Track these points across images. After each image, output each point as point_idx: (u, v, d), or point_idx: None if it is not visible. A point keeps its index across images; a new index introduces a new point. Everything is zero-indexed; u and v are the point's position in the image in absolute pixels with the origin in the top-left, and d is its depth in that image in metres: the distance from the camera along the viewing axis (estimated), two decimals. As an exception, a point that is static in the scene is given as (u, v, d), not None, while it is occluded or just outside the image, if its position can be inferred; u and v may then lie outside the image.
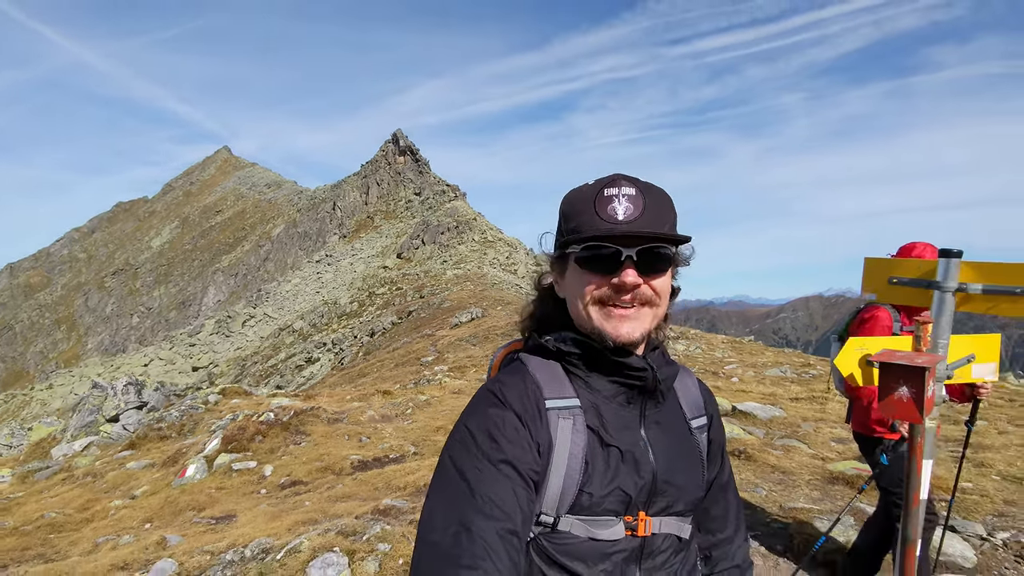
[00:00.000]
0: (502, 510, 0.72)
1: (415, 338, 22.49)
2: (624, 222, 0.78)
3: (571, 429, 0.81)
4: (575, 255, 0.81)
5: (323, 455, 6.09)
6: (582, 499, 0.79)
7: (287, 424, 6.96)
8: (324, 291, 50.44)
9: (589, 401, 0.83)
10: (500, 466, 0.74)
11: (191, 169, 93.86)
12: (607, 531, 0.80)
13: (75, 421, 9.20)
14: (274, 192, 76.30)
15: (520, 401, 0.80)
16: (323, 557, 3.06)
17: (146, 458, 7.35)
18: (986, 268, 2.00)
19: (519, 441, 0.77)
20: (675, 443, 0.88)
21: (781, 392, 7.80)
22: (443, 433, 6.41)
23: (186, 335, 53.21)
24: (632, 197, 0.80)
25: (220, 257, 68.89)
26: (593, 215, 0.80)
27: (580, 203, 0.82)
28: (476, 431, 0.77)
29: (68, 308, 73.85)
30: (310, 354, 32.40)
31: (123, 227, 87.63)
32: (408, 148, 62.21)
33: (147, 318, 68.99)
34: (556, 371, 0.85)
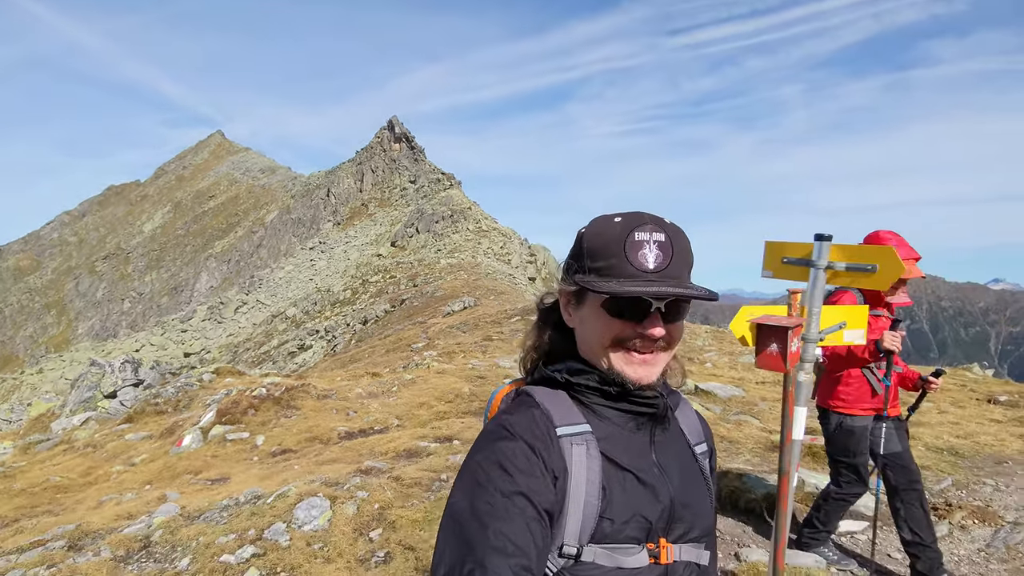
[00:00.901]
0: (516, 545, 0.71)
1: (407, 326, 22.92)
2: (654, 271, 0.79)
3: (585, 455, 0.80)
4: (602, 300, 0.81)
5: (312, 427, 6.54)
6: (603, 526, 0.79)
7: (279, 399, 7.40)
8: (317, 278, 50.65)
9: (599, 427, 0.84)
10: (513, 499, 0.73)
11: (184, 153, 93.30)
12: (632, 559, 0.80)
13: (73, 397, 9.62)
14: (268, 178, 76.10)
15: (530, 430, 0.80)
16: (308, 500, 3.52)
17: (144, 430, 7.78)
18: (848, 250, 2.47)
19: (532, 471, 0.76)
20: (685, 468, 0.89)
21: (750, 376, 8.30)
22: (426, 408, 6.88)
23: (178, 321, 53.45)
24: (662, 244, 0.80)
25: (213, 243, 68.87)
26: (623, 259, 0.79)
27: (608, 242, 0.81)
28: (486, 464, 0.77)
29: (58, 292, 73.75)
30: (303, 341, 32.79)
31: (114, 211, 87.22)
32: (403, 135, 62.13)
33: (139, 303, 69.01)
34: (563, 399, 0.85)
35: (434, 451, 4.91)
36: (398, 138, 62.32)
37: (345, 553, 3.17)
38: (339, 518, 3.45)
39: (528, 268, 40.42)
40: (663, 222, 0.82)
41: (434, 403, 7.03)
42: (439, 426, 5.95)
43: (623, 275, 0.79)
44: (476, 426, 5.82)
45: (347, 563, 3.09)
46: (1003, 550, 3.18)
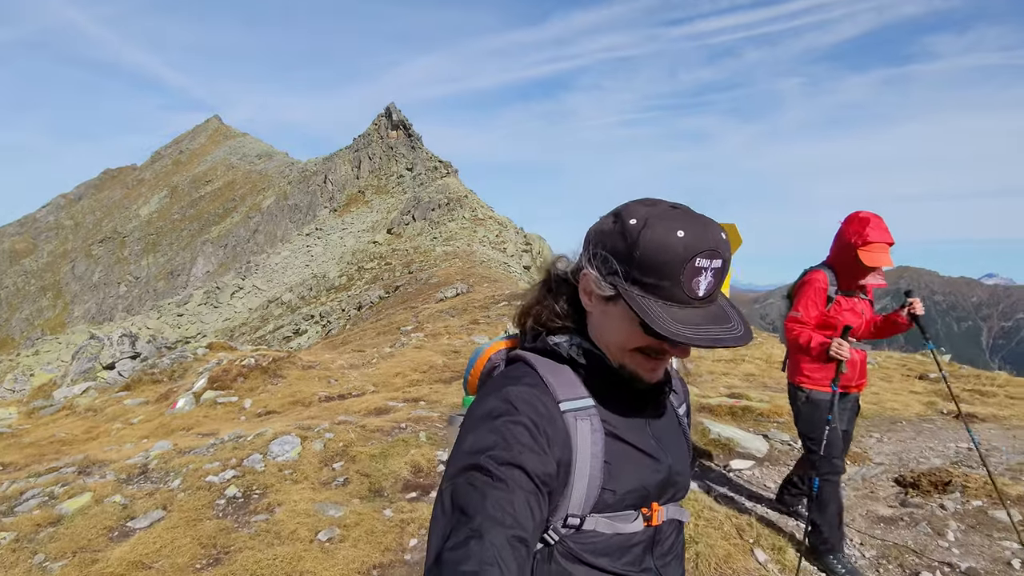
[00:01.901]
0: (513, 517, 0.71)
1: (399, 311, 23.56)
2: (703, 298, 0.78)
3: (589, 429, 0.82)
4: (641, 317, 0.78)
5: (295, 392, 7.19)
6: (605, 497, 0.82)
7: (266, 368, 8.04)
8: (313, 264, 51.15)
9: (601, 402, 0.85)
10: (513, 471, 0.74)
11: (180, 138, 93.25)
12: (630, 525, 0.84)
13: (74, 368, 10.25)
14: (265, 163, 76.26)
15: (532, 403, 0.80)
16: (282, 438, 4.16)
17: (141, 396, 8.42)
18: (734, 232, 3.11)
19: (533, 446, 0.77)
20: (673, 434, 0.93)
21: (707, 354, 8.94)
22: (401, 377, 7.52)
23: (174, 305, 53.99)
24: (717, 271, 0.78)
25: (209, 228, 69.23)
26: (677, 283, 0.77)
27: (667, 263, 0.77)
28: (487, 435, 0.77)
29: (54, 275, 74.22)
30: (298, 326, 33.40)
31: (111, 195, 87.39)
32: (401, 122, 62.25)
33: (135, 287, 69.51)
34: (566, 373, 0.86)
35: (400, 409, 5.54)
36: (395, 125, 62.43)
37: (310, 477, 3.81)
38: (307, 452, 4.10)
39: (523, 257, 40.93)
40: (722, 242, 0.78)
41: (409, 373, 7.67)
42: (410, 391, 6.60)
43: (671, 299, 0.77)
44: (445, 392, 6.46)
45: (311, 484, 3.74)
46: (859, 481, 3.83)
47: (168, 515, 3.40)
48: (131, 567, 2.92)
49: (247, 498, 3.58)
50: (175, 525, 3.29)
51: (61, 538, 3.23)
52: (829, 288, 2.68)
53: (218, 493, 3.61)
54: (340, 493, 3.65)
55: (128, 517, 3.41)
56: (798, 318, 2.71)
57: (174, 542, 3.13)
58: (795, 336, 2.68)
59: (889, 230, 2.56)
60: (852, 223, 2.59)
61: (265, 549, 3.04)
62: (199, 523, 3.31)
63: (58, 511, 3.49)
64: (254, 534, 3.19)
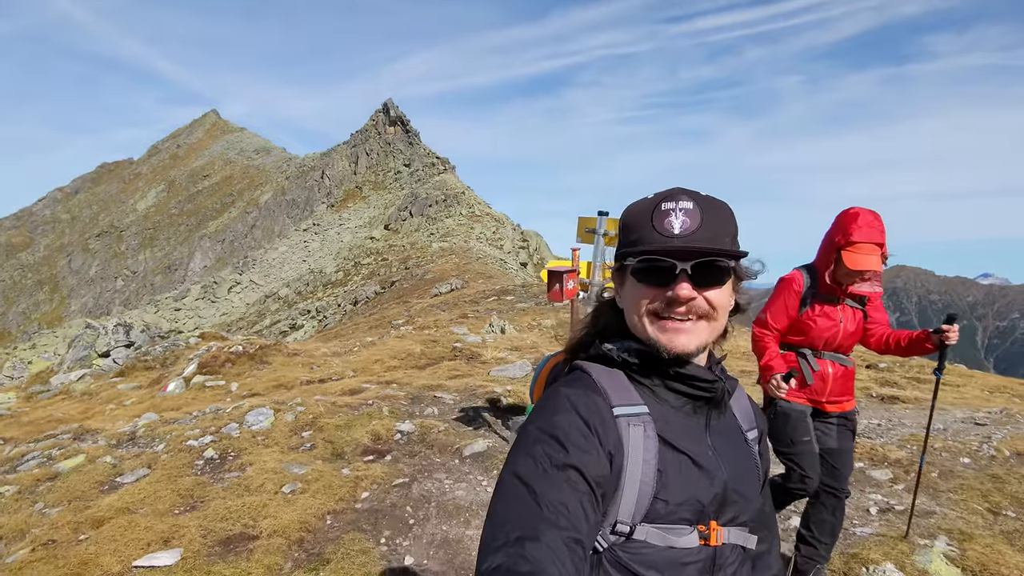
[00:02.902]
0: (568, 519, 0.72)
1: (393, 305, 24.06)
2: (680, 235, 0.81)
3: (642, 436, 0.82)
4: (631, 267, 0.84)
5: (279, 377, 7.67)
6: (657, 507, 0.80)
7: (253, 355, 8.53)
8: (310, 260, 51.61)
9: (657, 410, 0.85)
10: (568, 472, 0.75)
11: (178, 132, 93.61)
12: (682, 540, 0.82)
13: (70, 356, 10.75)
14: (262, 158, 76.66)
15: (587, 407, 0.81)
16: (257, 410, 4.66)
17: (134, 381, 8.92)
18: (613, 222, 3.60)
19: (587, 447, 0.77)
20: (738, 454, 0.91)
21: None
22: (380, 364, 8.00)
23: (171, 299, 54.52)
24: (689, 211, 0.81)
25: (207, 222, 69.71)
26: (650, 229, 0.82)
27: (638, 216, 0.84)
28: (542, 436, 0.78)
29: (51, 269, 74.77)
30: (294, 321, 33.90)
31: (108, 188, 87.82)
32: (399, 118, 62.61)
33: (132, 281, 70.03)
34: (621, 379, 0.86)
35: (372, 390, 6.03)
36: (393, 121, 62.78)
37: (280, 443, 4.31)
38: (279, 422, 4.59)
39: (520, 254, 41.37)
40: (696, 193, 0.84)
41: (388, 360, 8.16)
42: (385, 375, 7.09)
43: (650, 242, 0.82)
44: (418, 376, 6.95)
45: (281, 448, 4.23)
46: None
47: (152, 472, 3.89)
48: (118, 512, 3.41)
49: (223, 459, 4.07)
50: (158, 480, 3.78)
51: (58, 490, 3.72)
52: (805, 291, 2.41)
53: (197, 455, 4.10)
54: (305, 456, 4.15)
55: (117, 474, 3.90)
56: (764, 321, 2.50)
57: (156, 493, 3.63)
58: (756, 343, 2.51)
59: (883, 229, 2.24)
60: (840, 219, 2.31)
61: (235, 499, 3.53)
62: (179, 479, 3.80)
63: (55, 469, 3.99)
64: (227, 487, 3.69)
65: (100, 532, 3.21)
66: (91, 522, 3.32)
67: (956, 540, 2.97)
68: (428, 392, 5.76)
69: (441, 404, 5.33)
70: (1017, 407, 5.61)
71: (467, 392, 5.78)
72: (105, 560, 2.96)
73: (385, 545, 3.16)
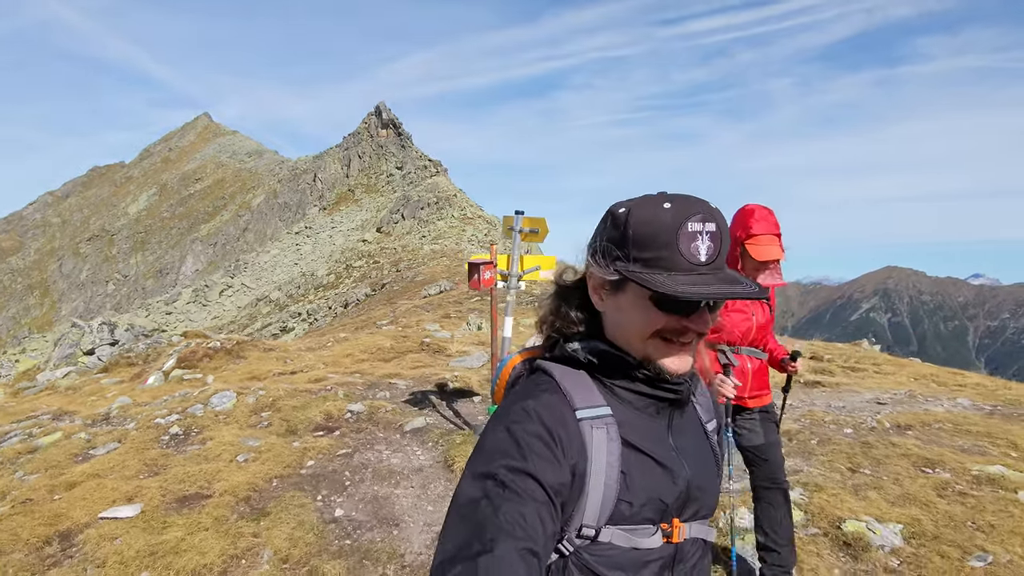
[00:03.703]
0: (524, 529, 0.72)
1: (380, 307, 24.51)
2: (705, 264, 0.79)
3: (605, 438, 0.82)
4: (649, 292, 0.80)
5: (253, 370, 8.14)
6: (621, 508, 0.81)
7: (230, 350, 9.00)
8: (302, 263, 51.95)
9: (620, 411, 0.85)
10: (526, 481, 0.75)
11: (170, 135, 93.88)
12: (646, 540, 0.83)
13: (56, 353, 11.18)
14: (255, 161, 77.01)
15: (549, 412, 0.81)
16: (221, 393, 5.14)
17: (116, 377, 9.36)
18: (529, 220, 4.11)
19: (547, 455, 0.77)
20: (699, 449, 0.93)
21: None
22: (351, 359, 8.48)
23: (163, 303, 54.73)
24: (714, 235, 0.79)
25: (199, 226, 69.97)
26: (675, 252, 0.78)
27: (658, 232, 0.79)
28: (501, 445, 0.78)
29: (41, 273, 74.82)
30: (285, 324, 34.25)
31: (99, 192, 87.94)
32: (391, 121, 63.12)
33: (123, 285, 70.16)
34: (583, 380, 0.86)
35: (336, 379, 6.51)
36: (385, 124, 63.29)
37: (240, 421, 4.79)
38: (241, 404, 5.07)
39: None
40: (712, 210, 0.81)
41: (358, 354, 8.64)
42: (352, 367, 7.57)
43: (674, 268, 0.78)
44: (383, 367, 7.43)
45: (240, 426, 4.72)
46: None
47: (122, 445, 4.37)
48: (89, 477, 3.89)
49: (186, 435, 4.56)
50: (126, 452, 4.26)
51: (36, 461, 4.20)
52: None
53: (163, 431, 4.58)
54: (261, 431, 4.63)
55: (90, 447, 4.38)
56: None
57: (124, 462, 4.11)
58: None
59: (777, 223, 2.37)
60: (736, 216, 2.42)
61: (194, 466, 4.02)
62: (146, 451, 4.28)
63: (34, 444, 4.46)
64: (188, 457, 4.17)
65: (72, 493, 3.69)
66: (64, 485, 3.80)
67: (809, 491, 3.49)
68: (385, 379, 6.25)
69: (394, 389, 5.83)
70: (927, 391, 6.15)
71: (422, 379, 6.28)
72: (75, 513, 3.44)
73: (321, 501, 3.65)
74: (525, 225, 4.00)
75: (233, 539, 3.22)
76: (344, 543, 3.24)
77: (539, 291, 19.31)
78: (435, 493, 3.78)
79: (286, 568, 3.02)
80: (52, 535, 3.26)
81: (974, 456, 4.06)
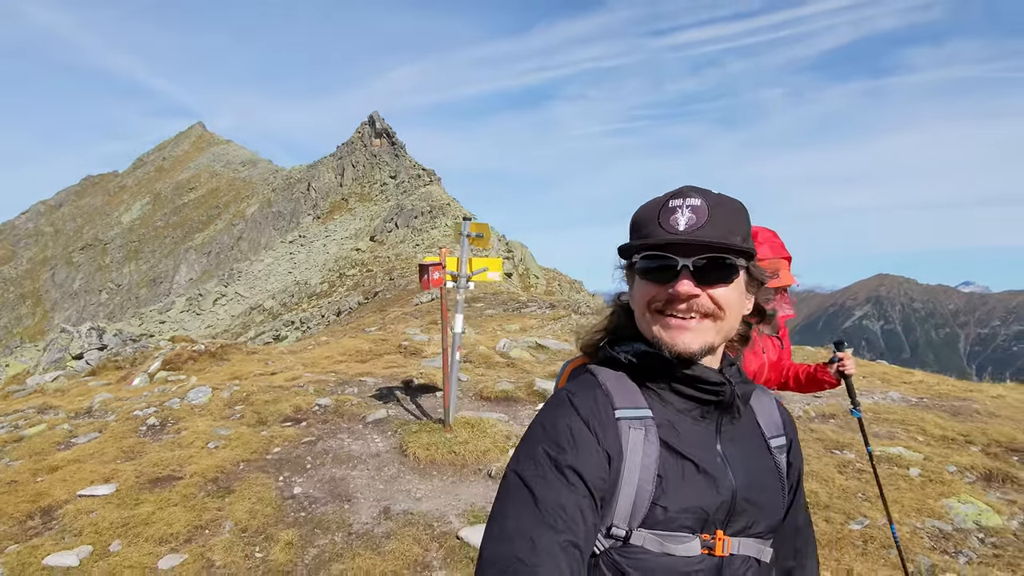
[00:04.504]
0: (565, 522, 0.73)
1: (371, 314, 24.84)
2: (684, 232, 0.80)
3: (643, 439, 0.81)
4: (636, 265, 0.85)
5: (236, 371, 8.47)
6: (656, 512, 0.80)
7: (214, 353, 9.34)
8: (296, 271, 52.18)
9: (662, 413, 0.84)
10: (566, 473, 0.76)
11: (164, 144, 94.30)
12: (682, 547, 0.80)
13: (45, 358, 11.48)
14: (249, 170, 77.45)
15: (588, 408, 0.82)
16: (198, 388, 5.50)
17: (104, 379, 9.67)
18: (477, 225, 4.51)
19: (587, 448, 0.78)
20: (754, 461, 0.89)
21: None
22: (329, 360, 8.83)
23: (156, 312, 54.77)
24: (696, 207, 0.81)
25: (193, 235, 70.18)
26: (656, 225, 0.82)
27: (647, 213, 0.85)
28: (542, 438, 0.80)
29: (34, 283, 74.76)
30: (278, 332, 34.45)
31: (92, 201, 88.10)
32: (384, 131, 63.77)
33: (116, 295, 70.16)
34: (626, 382, 0.86)
35: (310, 377, 6.87)
36: (379, 134, 63.90)
37: (214, 413, 5.15)
38: (216, 398, 5.43)
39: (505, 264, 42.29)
40: (706, 191, 0.84)
41: (337, 356, 8.99)
42: (329, 368, 7.92)
43: (654, 239, 0.82)
44: (358, 368, 7.78)
45: (213, 417, 5.07)
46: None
47: (102, 435, 4.73)
48: (70, 462, 4.24)
49: (163, 425, 4.91)
50: (106, 440, 4.61)
51: (21, 449, 4.55)
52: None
53: (141, 422, 4.94)
54: (233, 423, 4.99)
55: (72, 436, 4.73)
56: None
57: (103, 449, 4.46)
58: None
59: (783, 243, 2.17)
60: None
61: (167, 452, 4.37)
62: (124, 439, 4.64)
63: (20, 434, 4.81)
64: (163, 445, 4.53)
65: (53, 475, 4.04)
66: (47, 469, 4.15)
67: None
68: (357, 377, 6.62)
69: (363, 385, 6.20)
70: (868, 386, 6.55)
71: (391, 377, 6.65)
72: (56, 492, 3.79)
73: (282, 482, 4.01)
74: (473, 231, 4.40)
75: (199, 512, 3.57)
76: (299, 515, 3.60)
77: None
78: (388, 474, 4.14)
79: (245, 536, 3.37)
80: (34, 510, 3.61)
81: (883, 440, 4.46)
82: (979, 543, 3.23)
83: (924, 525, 3.35)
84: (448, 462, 4.23)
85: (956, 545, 3.21)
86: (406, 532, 3.37)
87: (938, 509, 3.51)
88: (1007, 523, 3.40)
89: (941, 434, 4.71)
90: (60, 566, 3.04)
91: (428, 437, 4.49)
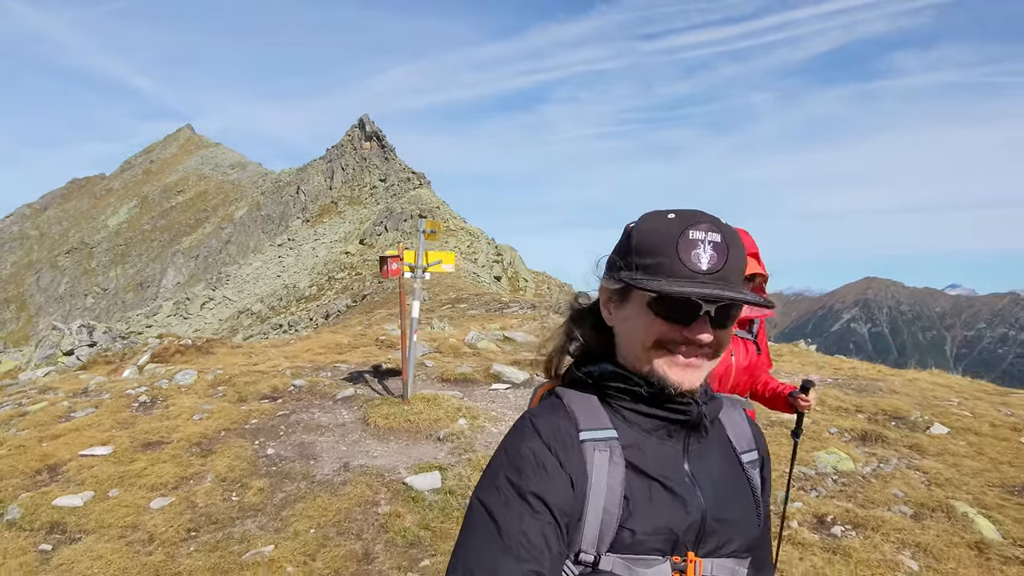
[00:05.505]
0: (528, 550, 0.73)
1: (358, 316, 25.43)
2: (707, 273, 0.78)
3: (607, 461, 0.81)
4: (648, 297, 0.80)
5: (221, 363, 9.09)
6: (623, 536, 0.79)
7: (200, 347, 9.94)
8: (285, 275, 52.54)
9: (627, 434, 0.83)
10: (529, 499, 0.76)
11: (151, 147, 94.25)
12: (652, 571, 0.80)
13: (37, 354, 11.99)
14: (238, 173, 77.71)
15: (550, 431, 0.82)
16: (184, 371, 6.13)
17: (95, 373, 10.23)
18: (431, 223, 5.20)
19: (550, 474, 0.78)
20: (725, 478, 0.88)
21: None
22: (310, 353, 9.46)
23: (143, 316, 54.88)
24: (717, 245, 0.79)
25: (180, 238, 70.26)
26: (674, 258, 0.78)
27: (660, 239, 0.80)
28: (504, 464, 0.79)
29: (18, 287, 74.43)
30: (266, 335, 34.88)
31: (78, 204, 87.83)
32: (374, 134, 64.38)
33: (103, 299, 70.01)
34: (592, 403, 0.86)
35: (288, 364, 7.51)
36: (369, 136, 64.49)
37: (199, 392, 5.79)
38: (201, 380, 6.07)
39: (494, 267, 42.97)
40: (720, 222, 0.81)
41: (317, 349, 9.63)
42: (309, 358, 8.56)
43: (673, 274, 0.78)
44: (336, 358, 8.43)
45: (199, 396, 5.71)
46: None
47: (98, 410, 5.35)
48: (71, 431, 4.86)
49: (153, 402, 5.54)
50: (102, 414, 5.24)
51: (26, 421, 5.17)
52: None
53: (134, 399, 5.57)
54: (216, 400, 5.63)
55: (71, 411, 5.35)
56: None
57: (100, 421, 5.08)
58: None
59: (753, 242, 2.12)
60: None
61: (157, 423, 5.01)
62: (119, 413, 5.27)
63: (24, 410, 5.43)
64: (153, 417, 5.16)
65: (57, 440, 4.67)
66: (51, 437, 4.77)
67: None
68: (331, 364, 7.27)
69: (336, 370, 6.85)
70: (797, 370, 7.30)
71: (363, 364, 7.31)
72: (60, 453, 4.42)
73: (258, 445, 4.66)
74: (428, 227, 5.09)
75: (185, 467, 4.22)
76: (271, 469, 4.25)
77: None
78: (351, 440, 4.80)
79: (224, 484, 4.02)
80: (42, 467, 4.24)
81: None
82: (832, 483, 3.95)
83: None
84: (404, 429, 4.90)
85: (813, 484, 3.93)
86: (360, 480, 4.03)
87: (807, 459, 4.23)
88: (861, 468, 4.12)
89: (837, 405, 5.44)
90: (67, 506, 3.67)
91: (388, 409, 5.16)
